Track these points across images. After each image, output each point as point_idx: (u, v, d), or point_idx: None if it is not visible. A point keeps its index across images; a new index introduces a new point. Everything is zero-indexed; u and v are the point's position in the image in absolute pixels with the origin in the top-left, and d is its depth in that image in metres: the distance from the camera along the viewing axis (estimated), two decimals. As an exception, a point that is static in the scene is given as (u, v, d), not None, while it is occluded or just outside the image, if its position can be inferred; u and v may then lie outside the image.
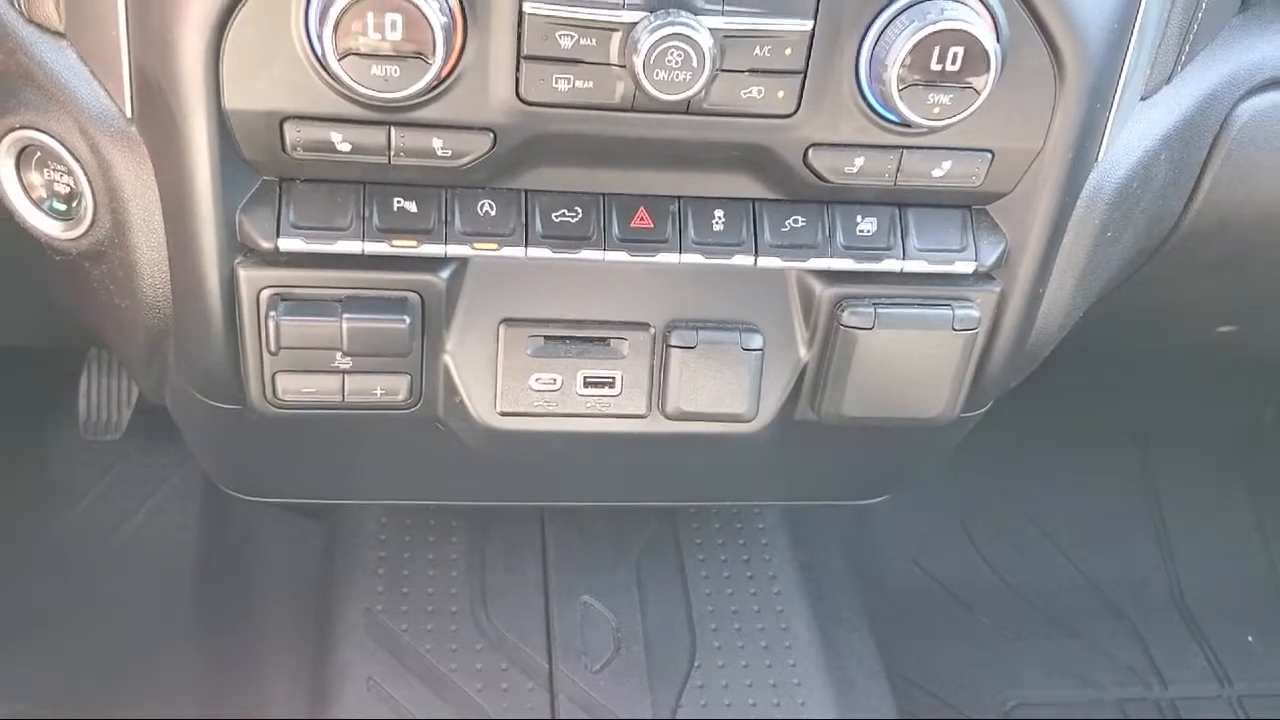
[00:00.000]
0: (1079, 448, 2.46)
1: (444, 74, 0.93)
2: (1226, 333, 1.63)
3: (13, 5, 1.00)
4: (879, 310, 1.13)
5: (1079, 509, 2.43)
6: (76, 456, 2.23)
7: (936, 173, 1.06)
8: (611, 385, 1.14)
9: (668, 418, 1.16)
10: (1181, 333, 1.73)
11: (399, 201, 1.05)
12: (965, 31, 0.94)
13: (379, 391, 1.11)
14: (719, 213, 1.10)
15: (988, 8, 0.96)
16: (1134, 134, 1.13)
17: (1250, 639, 2.27)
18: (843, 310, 1.13)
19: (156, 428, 2.14)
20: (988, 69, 0.95)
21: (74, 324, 1.34)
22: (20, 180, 1.07)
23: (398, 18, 0.88)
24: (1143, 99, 1.12)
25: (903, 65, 0.95)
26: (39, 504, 2.17)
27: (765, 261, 1.11)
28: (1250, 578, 2.39)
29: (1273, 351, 1.92)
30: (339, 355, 1.08)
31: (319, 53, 0.91)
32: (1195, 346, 1.82)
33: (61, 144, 1.03)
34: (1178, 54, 1.13)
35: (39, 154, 1.05)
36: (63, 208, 1.08)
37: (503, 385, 1.13)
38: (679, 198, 1.10)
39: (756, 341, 1.14)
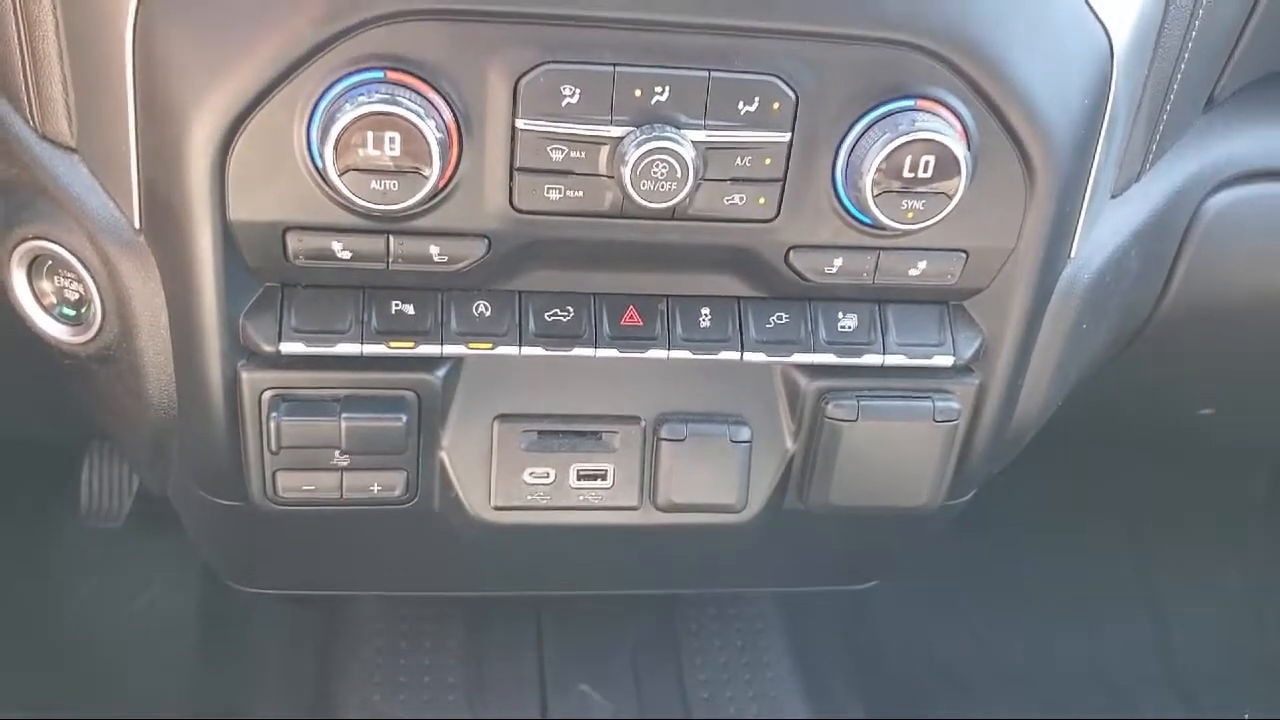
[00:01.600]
0: (1072, 525, 2.48)
1: (440, 186, 0.98)
2: (1206, 416, 1.67)
3: (28, 123, 1.05)
4: (862, 403, 1.16)
5: (1074, 586, 2.44)
6: (77, 543, 2.24)
7: (913, 272, 1.10)
8: (604, 478, 1.17)
9: (659, 509, 1.19)
10: (1162, 417, 1.77)
11: (397, 304, 1.09)
12: (936, 141, 0.98)
13: (376, 488, 1.14)
14: (705, 310, 1.14)
15: (958, 116, 1.01)
16: (1105, 230, 1.17)
17: (1247, 717, 2.27)
18: (827, 403, 1.16)
19: (156, 516, 2.16)
20: (959, 175, 1.00)
21: (78, 419, 1.37)
22: (32, 288, 1.11)
23: (396, 135, 0.93)
24: (1113, 196, 1.17)
25: (877, 173, 0.99)
26: (39, 590, 2.18)
27: (751, 356, 1.15)
28: (1245, 654, 2.40)
29: (1253, 433, 1.96)
30: (337, 453, 1.11)
31: (320, 167, 0.95)
32: (1176, 429, 1.85)
33: (72, 253, 1.07)
34: (1145, 153, 1.17)
35: (50, 262, 1.10)
36: (72, 313, 1.12)
37: (497, 480, 1.16)
38: (667, 296, 1.14)
39: (744, 434, 1.17)
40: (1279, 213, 1.29)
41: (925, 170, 0.99)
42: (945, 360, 1.16)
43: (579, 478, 1.17)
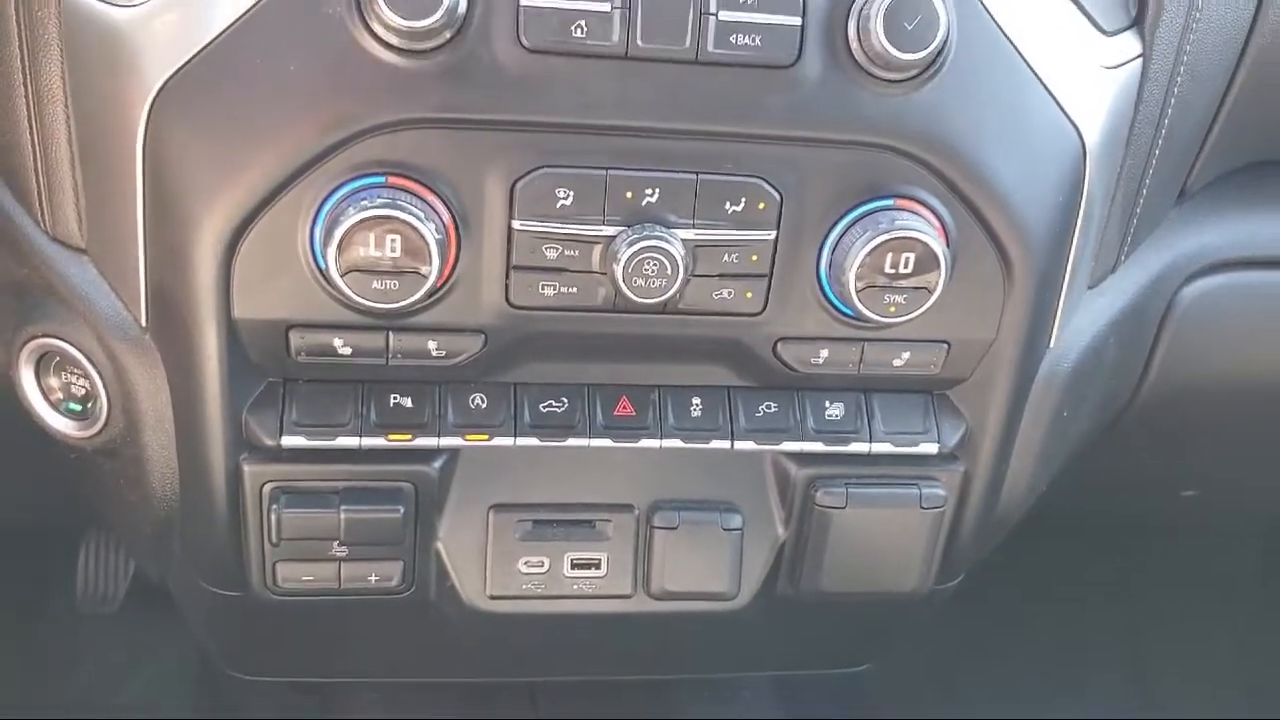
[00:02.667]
0: (1064, 602, 2.49)
1: (439, 284, 1.01)
2: (1190, 497, 1.69)
3: (39, 225, 1.09)
4: (851, 490, 1.19)
5: (1066, 664, 2.44)
6: (72, 628, 2.24)
7: (897, 362, 1.13)
8: (598, 567, 1.20)
9: (653, 597, 1.21)
10: (1146, 498, 1.79)
11: (395, 398, 1.12)
12: (916, 239, 1.02)
13: (373, 578, 1.16)
14: (696, 400, 1.17)
15: (936, 215, 1.05)
16: (1084, 320, 1.21)
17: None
18: (816, 490, 1.19)
19: (152, 600, 2.16)
20: (938, 271, 1.04)
21: (77, 507, 1.39)
22: (39, 384, 1.14)
23: (397, 237, 0.96)
24: (1090, 287, 1.21)
25: (860, 269, 1.03)
26: (35, 675, 2.17)
27: (741, 445, 1.17)
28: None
29: (1237, 513, 1.98)
30: (336, 544, 1.13)
31: (323, 268, 0.99)
32: (1161, 510, 1.88)
33: (80, 351, 1.10)
34: (1120, 245, 1.21)
35: (58, 359, 1.13)
36: (78, 408, 1.14)
37: (492, 569, 1.18)
38: (658, 387, 1.17)
39: (736, 521, 1.20)
40: (1252, 300, 1.32)
41: (906, 266, 1.03)
42: (931, 448, 1.19)
43: (573, 566, 1.19)
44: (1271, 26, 1.15)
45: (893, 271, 1.03)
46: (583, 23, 0.95)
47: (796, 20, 0.97)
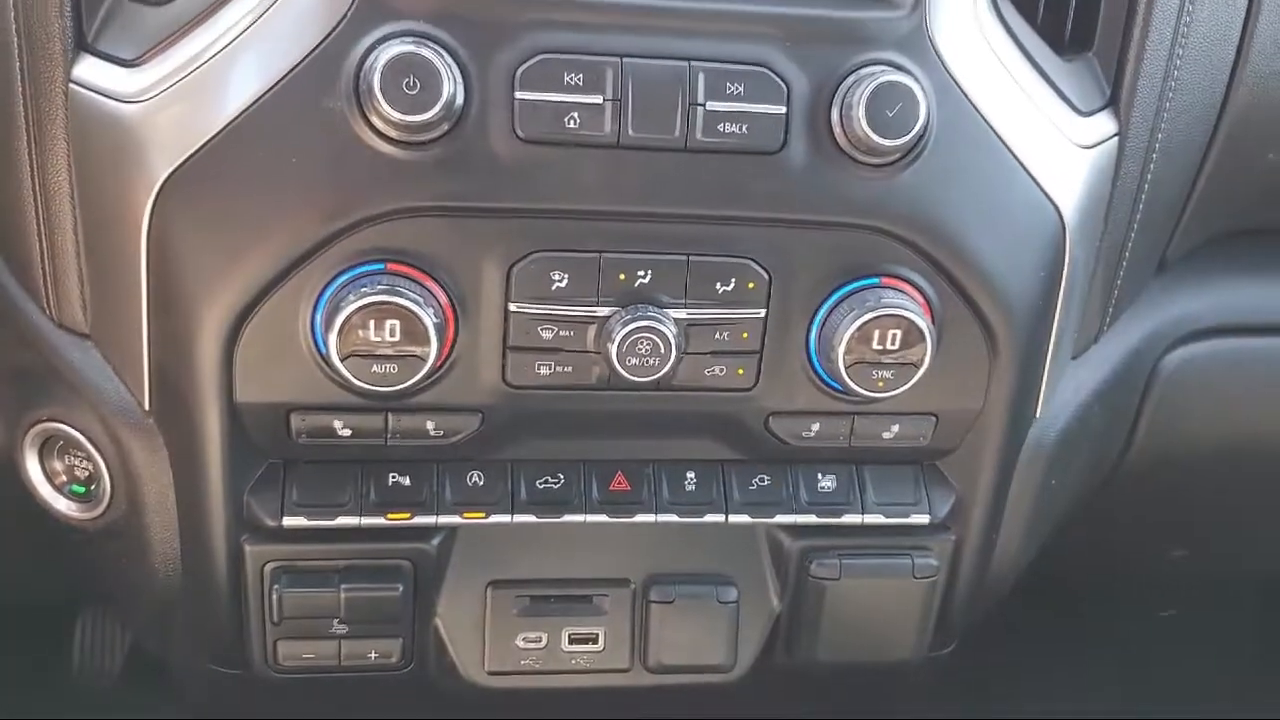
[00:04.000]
0: (1062, 662, 2.48)
1: (437, 366, 1.03)
2: (1180, 558, 1.71)
3: (44, 312, 1.11)
4: (844, 561, 1.21)
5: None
6: (69, 702, 2.23)
7: (887, 434, 1.15)
8: (595, 641, 1.21)
9: (650, 671, 1.22)
10: (1136, 559, 1.81)
11: (394, 477, 1.14)
12: (902, 316, 1.05)
13: (373, 655, 1.18)
14: (690, 474, 1.19)
15: (921, 292, 1.08)
16: (1068, 390, 1.23)
17: None
18: (810, 562, 1.21)
19: (149, 674, 2.15)
20: (925, 346, 1.06)
21: (76, 584, 1.40)
22: (43, 467, 1.16)
23: (396, 323, 0.99)
24: (1074, 358, 1.23)
25: (848, 345, 1.05)
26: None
27: (735, 518, 1.19)
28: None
29: (1227, 571, 1.99)
30: (336, 622, 1.15)
31: (324, 353, 1.01)
32: (1151, 571, 1.89)
33: (84, 435, 1.12)
34: (1103, 316, 1.24)
35: (61, 442, 1.14)
36: (82, 490, 1.16)
37: (491, 645, 1.19)
38: (653, 462, 1.19)
39: (731, 594, 1.21)
40: (1234, 367, 1.35)
41: (893, 343, 1.05)
42: (922, 518, 1.21)
43: (571, 641, 1.20)
44: (1243, 102, 1.19)
45: (880, 348, 1.05)
46: (576, 114, 0.98)
47: (781, 109, 1.00)
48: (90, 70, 1.00)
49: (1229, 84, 1.17)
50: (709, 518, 1.19)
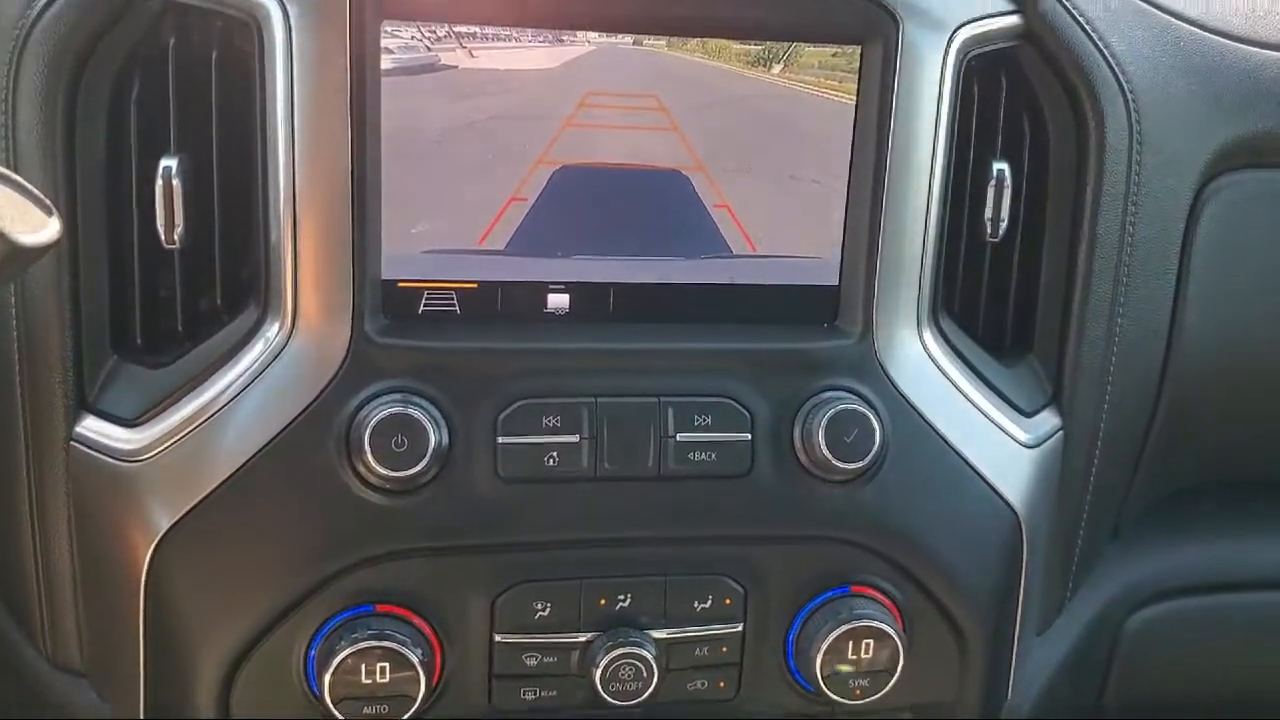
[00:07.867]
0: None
1: (426, 699, 1.06)
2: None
3: (40, 652, 1.13)
4: None
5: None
6: None
7: None
8: None
9: None
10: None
11: None
12: (872, 626, 1.09)
13: None
14: None
15: (890, 597, 1.13)
16: (1036, 666, 1.28)
17: None
18: None
19: None
20: (898, 653, 1.10)
21: None
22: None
23: (386, 664, 1.02)
24: (1039, 634, 1.28)
25: (824, 657, 1.09)
26: None
27: None
28: None
29: None
30: None
31: (317, 694, 1.04)
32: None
33: (78, 778, 1.13)
34: (1063, 590, 1.30)
35: (56, 778, 1.15)
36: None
37: None
38: None
39: None
40: (1194, 626, 1.40)
41: (866, 651, 1.10)
42: None
43: None
44: (1177, 384, 1.26)
45: (855, 658, 1.10)
46: (555, 453, 1.04)
47: (747, 436, 1.07)
48: (91, 428, 1.05)
49: (1162, 371, 1.25)
50: None
